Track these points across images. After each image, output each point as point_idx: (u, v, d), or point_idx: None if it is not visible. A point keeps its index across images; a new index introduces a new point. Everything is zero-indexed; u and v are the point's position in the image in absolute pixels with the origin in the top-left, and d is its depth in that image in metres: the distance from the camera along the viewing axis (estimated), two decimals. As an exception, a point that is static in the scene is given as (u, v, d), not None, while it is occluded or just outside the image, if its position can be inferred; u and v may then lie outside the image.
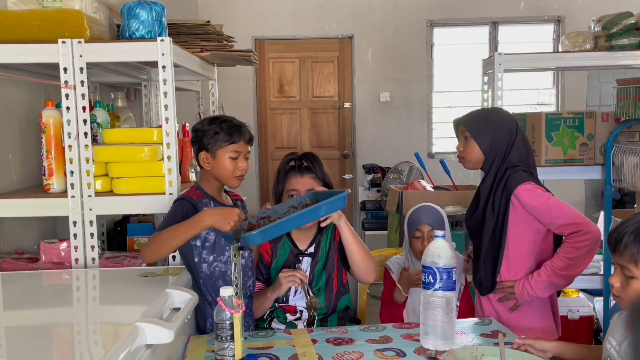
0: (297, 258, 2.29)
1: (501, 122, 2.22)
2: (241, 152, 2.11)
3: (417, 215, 2.47)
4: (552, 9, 5.95)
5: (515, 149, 2.20)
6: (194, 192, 2.12)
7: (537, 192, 2.11)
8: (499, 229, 2.19)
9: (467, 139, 2.25)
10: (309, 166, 2.29)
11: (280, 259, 2.30)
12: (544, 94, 6.09)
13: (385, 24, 5.94)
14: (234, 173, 2.11)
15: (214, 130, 2.09)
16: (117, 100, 3.07)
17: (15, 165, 2.47)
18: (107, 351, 1.34)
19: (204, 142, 2.10)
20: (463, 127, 2.27)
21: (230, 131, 2.09)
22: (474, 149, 2.23)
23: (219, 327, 1.65)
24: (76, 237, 2.20)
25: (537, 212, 2.11)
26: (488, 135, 2.20)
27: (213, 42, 2.76)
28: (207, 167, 2.12)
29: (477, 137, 2.21)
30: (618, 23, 3.05)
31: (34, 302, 1.81)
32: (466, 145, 2.25)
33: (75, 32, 2.14)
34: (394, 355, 1.75)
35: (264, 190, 6.10)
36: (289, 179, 2.28)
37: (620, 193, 5.16)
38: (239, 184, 2.17)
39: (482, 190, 2.26)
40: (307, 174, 2.27)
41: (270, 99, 6.07)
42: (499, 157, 2.20)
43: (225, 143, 2.09)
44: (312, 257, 2.29)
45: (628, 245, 1.51)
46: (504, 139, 2.19)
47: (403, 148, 5.78)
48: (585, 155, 3.15)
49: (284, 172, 2.31)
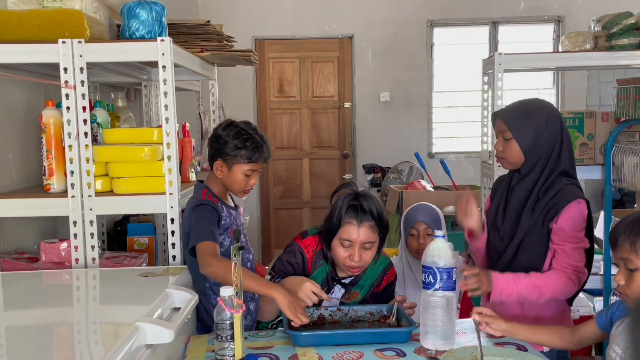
0: (330, 282, 2.16)
1: (545, 120, 2.00)
2: (256, 170, 2.15)
3: (413, 213, 2.46)
4: (552, 9, 5.95)
5: (564, 152, 2.02)
6: (206, 193, 2.14)
7: (579, 220, 1.98)
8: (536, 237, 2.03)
9: (507, 140, 2.04)
10: (366, 209, 2.05)
11: (317, 276, 2.14)
12: (544, 94, 6.08)
13: (385, 24, 5.94)
14: (244, 187, 2.15)
15: (236, 145, 2.10)
16: (117, 100, 3.07)
17: (15, 165, 2.47)
18: (107, 351, 1.34)
19: (224, 151, 2.11)
20: (502, 124, 2.05)
21: (254, 152, 2.11)
22: (514, 149, 2.02)
23: (219, 327, 1.66)
24: (76, 237, 2.20)
25: (560, 232, 1.98)
26: (530, 134, 1.99)
27: (213, 42, 2.76)
28: (219, 174, 2.15)
29: (518, 136, 2.00)
30: (618, 23, 3.05)
31: (34, 302, 1.81)
32: (506, 146, 2.04)
33: (76, 32, 2.14)
34: (394, 355, 1.75)
35: (263, 190, 6.10)
36: (345, 224, 2.05)
37: (620, 193, 5.16)
38: (244, 196, 2.21)
39: (515, 192, 2.07)
40: (365, 222, 2.04)
41: (270, 99, 6.07)
42: (543, 160, 2.01)
43: (245, 161, 2.11)
44: (345, 288, 2.17)
45: (626, 236, 1.54)
46: (548, 140, 2.00)
47: (403, 148, 5.78)
48: (585, 155, 3.15)
49: (343, 211, 2.07)
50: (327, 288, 2.14)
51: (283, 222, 6.11)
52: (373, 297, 2.21)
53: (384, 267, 2.23)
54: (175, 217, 2.21)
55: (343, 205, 2.06)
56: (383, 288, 2.22)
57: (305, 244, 2.16)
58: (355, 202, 2.05)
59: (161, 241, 3.01)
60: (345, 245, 2.05)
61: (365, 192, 2.12)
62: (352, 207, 2.05)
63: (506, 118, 2.04)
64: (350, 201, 2.06)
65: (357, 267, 2.07)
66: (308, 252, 2.15)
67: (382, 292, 2.22)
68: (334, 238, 2.07)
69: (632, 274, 1.55)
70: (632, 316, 1.51)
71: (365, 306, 2.06)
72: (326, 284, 2.15)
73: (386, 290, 2.23)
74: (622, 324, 1.65)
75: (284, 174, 6.13)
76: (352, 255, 2.04)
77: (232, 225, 2.16)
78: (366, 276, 2.18)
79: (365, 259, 2.06)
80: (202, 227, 2.02)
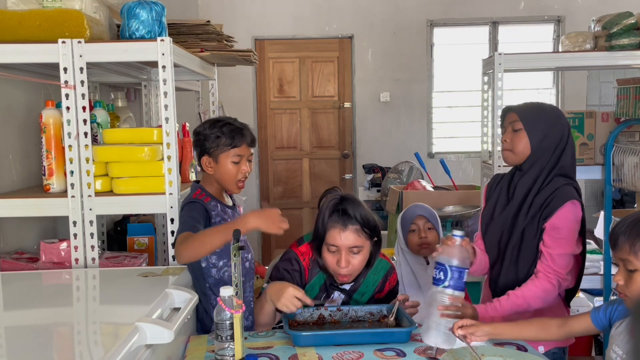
0: (329, 289, 2.12)
1: (556, 119, 2.06)
2: (244, 156, 2.11)
3: (412, 210, 2.47)
4: (552, 9, 5.95)
5: (566, 154, 2.05)
6: (199, 193, 2.12)
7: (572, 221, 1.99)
8: (532, 234, 2.06)
9: (516, 131, 2.07)
10: (350, 214, 2.02)
11: (314, 284, 2.12)
12: (544, 94, 6.08)
13: (385, 24, 5.94)
14: (237, 177, 2.12)
15: (215, 134, 2.08)
16: (117, 100, 3.07)
17: (15, 165, 2.47)
18: (107, 351, 1.34)
19: (206, 146, 2.10)
20: (514, 116, 2.09)
21: (232, 135, 2.08)
22: (523, 141, 2.05)
23: (219, 327, 1.66)
24: (76, 237, 2.20)
25: (552, 232, 1.99)
26: (540, 128, 2.03)
27: (213, 42, 2.76)
28: (209, 171, 2.12)
29: (528, 128, 2.04)
30: (618, 23, 3.05)
31: (34, 302, 1.81)
32: (514, 137, 2.07)
33: (75, 32, 2.14)
34: (394, 355, 1.75)
35: (263, 190, 6.10)
36: (330, 229, 2.03)
37: (620, 193, 5.16)
38: (240, 190, 2.19)
39: (518, 188, 2.09)
40: (350, 226, 2.01)
41: (270, 99, 6.07)
42: (545, 158, 2.04)
43: (227, 147, 2.08)
44: (345, 294, 2.14)
45: (626, 237, 1.54)
46: (555, 139, 2.04)
47: (403, 148, 5.78)
48: (585, 155, 3.15)
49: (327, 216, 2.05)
50: (325, 295, 2.12)
51: (283, 222, 6.10)
52: (375, 302, 2.17)
53: (385, 272, 2.19)
54: (175, 217, 2.20)
55: (327, 210, 2.03)
56: (385, 294, 2.20)
57: (302, 251, 2.13)
58: (339, 207, 2.03)
59: (161, 241, 3.01)
60: (332, 250, 2.02)
61: (349, 196, 2.09)
62: (336, 212, 2.02)
63: (519, 110, 2.08)
64: (334, 206, 2.04)
65: (345, 273, 2.02)
66: (304, 259, 2.12)
67: (384, 298, 2.19)
68: (323, 244, 2.05)
69: (632, 274, 1.55)
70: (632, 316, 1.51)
71: (365, 306, 2.05)
72: (324, 291, 2.12)
73: (389, 296, 2.19)
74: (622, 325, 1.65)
75: (283, 174, 6.13)
76: (340, 261, 2.01)
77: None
78: (366, 282, 2.15)
79: (354, 264, 2.02)
80: (184, 221, 2.00)
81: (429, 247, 2.40)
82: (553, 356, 2.09)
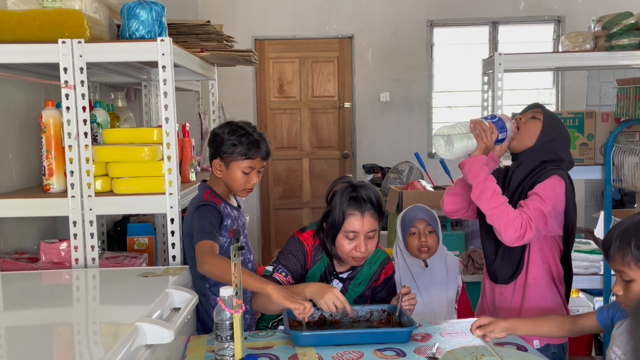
0: (328, 277, 2.16)
1: (568, 140, 2.23)
2: (255, 168, 2.14)
3: (412, 212, 2.46)
4: (552, 9, 5.95)
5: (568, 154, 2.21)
6: (209, 194, 2.13)
7: (549, 190, 2.05)
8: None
9: (534, 119, 2.20)
10: (365, 199, 2.05)
11: (316, 271, 2.15)
12: (543, 94, 6.08)
13: (385, 24, 5.94)
14: (244, 186, 2.14)
15: (232, 141, 2.10)
16: (117, 100, 3.07)
17: (15, 165, 2.47)
18: (107, 351, 1.34)
19: (221, 149, 2.11)
20: (539, 111, 2.22)
21: (249, 147, 2.10)
22: (533, 130, 2.18)
23: (219, 327, 1.66)
24: (76, 237, 2.20)
25: (530, 195, 2.06)
26: (553, 132, 2.17)
27: (213, 42, 2.76)
28: (218, 174, 2.14)
29: (545, 123, 2.17)
30: (618, 23, 3.05)
31: (34, 302, 1.81)
32: (529, 122, 2.20)
33: (75, 32, 2.14)
34: (394, 355, 1.75)
35: (263, 190, 6.10)
36: (349, 217, 2.04)
37: (620, 193, 5.16)
38: (247, 195, 2.20)
39: (514, 178, 2.20)
40: (366, 211, 2.04)
41: (270, 99, 6.07)
42: (542, 156, 2.16)
43: (241, 157, 2.10)
44: (343, 282, 2.17)
45: (616, 249, 1.53)
46: (557, 153, 2.16)
47: (403, 148, 5.78)
48: (585, 155, 3.15)
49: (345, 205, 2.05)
50: (325, 282, 2.14)
51: (283, 222, 6.11)
52: (372, 291, 2.22)
53: (382, 261, 2.23)
54: (175, 217, 2.21)
55: (344, 199, 2.05)
56: (381, 282, 2.23)
57: (305, 237, 2.17)
58: (355, 194, 2.05)
59: (161, 241, 3.01)
60: (351, 237, 2.04)
61: (361, 182, 2.13)
62: (353, 199, 2.05)
63: (546, 110, 2.24)
64: (350, 193, 2.06)
65: (362, 257, 2.07)
66: (308, 245, 2.15)
67: (380, 286, 2.23)
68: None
69: (629, 284, 1.54)
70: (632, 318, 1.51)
71: (365, 306, 2.06)
72: (324, 279, 2.15)
73: (384, 285, 2.24)
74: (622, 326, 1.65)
75: (283, 174, 6.13)
76: (359, 246, 2.04)
77: (234, 226, 2.16)
78: (364, 271, 2.19)
79: (370, 248, 2.07)
80: (204, 227, 2.02)
81: (429, 250, 2.40)
82: (553, 356, 2.09)
